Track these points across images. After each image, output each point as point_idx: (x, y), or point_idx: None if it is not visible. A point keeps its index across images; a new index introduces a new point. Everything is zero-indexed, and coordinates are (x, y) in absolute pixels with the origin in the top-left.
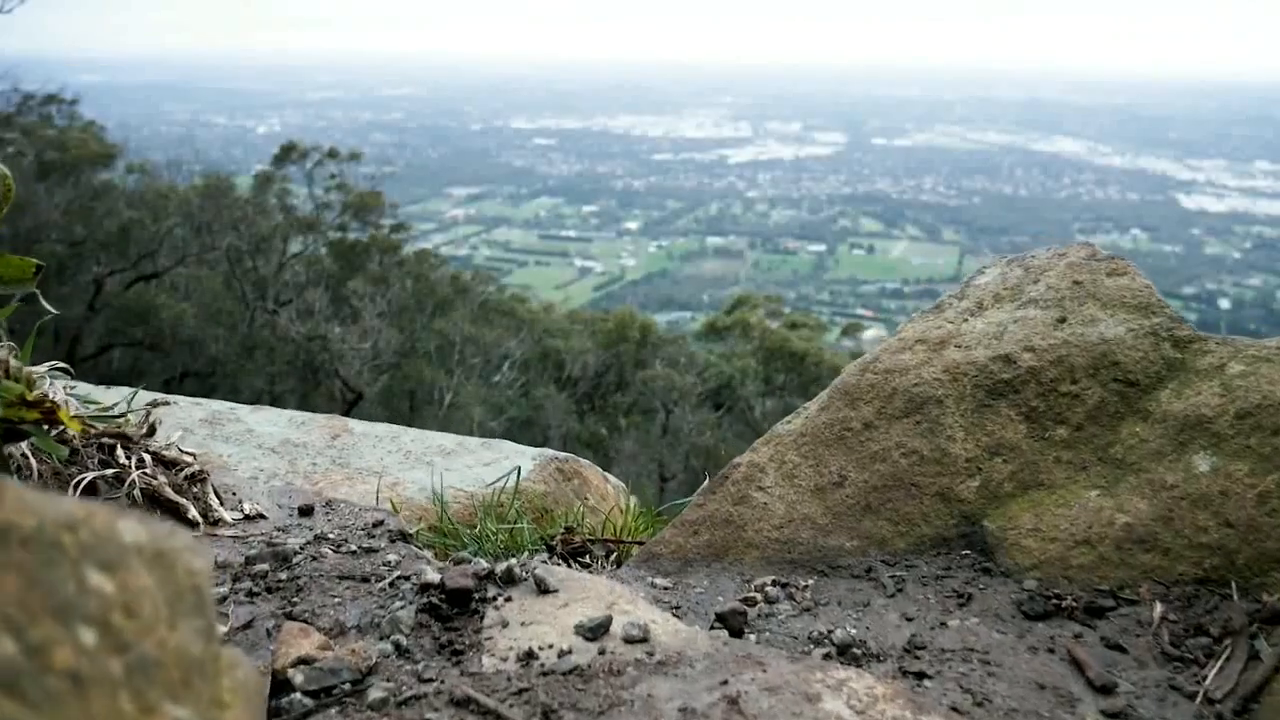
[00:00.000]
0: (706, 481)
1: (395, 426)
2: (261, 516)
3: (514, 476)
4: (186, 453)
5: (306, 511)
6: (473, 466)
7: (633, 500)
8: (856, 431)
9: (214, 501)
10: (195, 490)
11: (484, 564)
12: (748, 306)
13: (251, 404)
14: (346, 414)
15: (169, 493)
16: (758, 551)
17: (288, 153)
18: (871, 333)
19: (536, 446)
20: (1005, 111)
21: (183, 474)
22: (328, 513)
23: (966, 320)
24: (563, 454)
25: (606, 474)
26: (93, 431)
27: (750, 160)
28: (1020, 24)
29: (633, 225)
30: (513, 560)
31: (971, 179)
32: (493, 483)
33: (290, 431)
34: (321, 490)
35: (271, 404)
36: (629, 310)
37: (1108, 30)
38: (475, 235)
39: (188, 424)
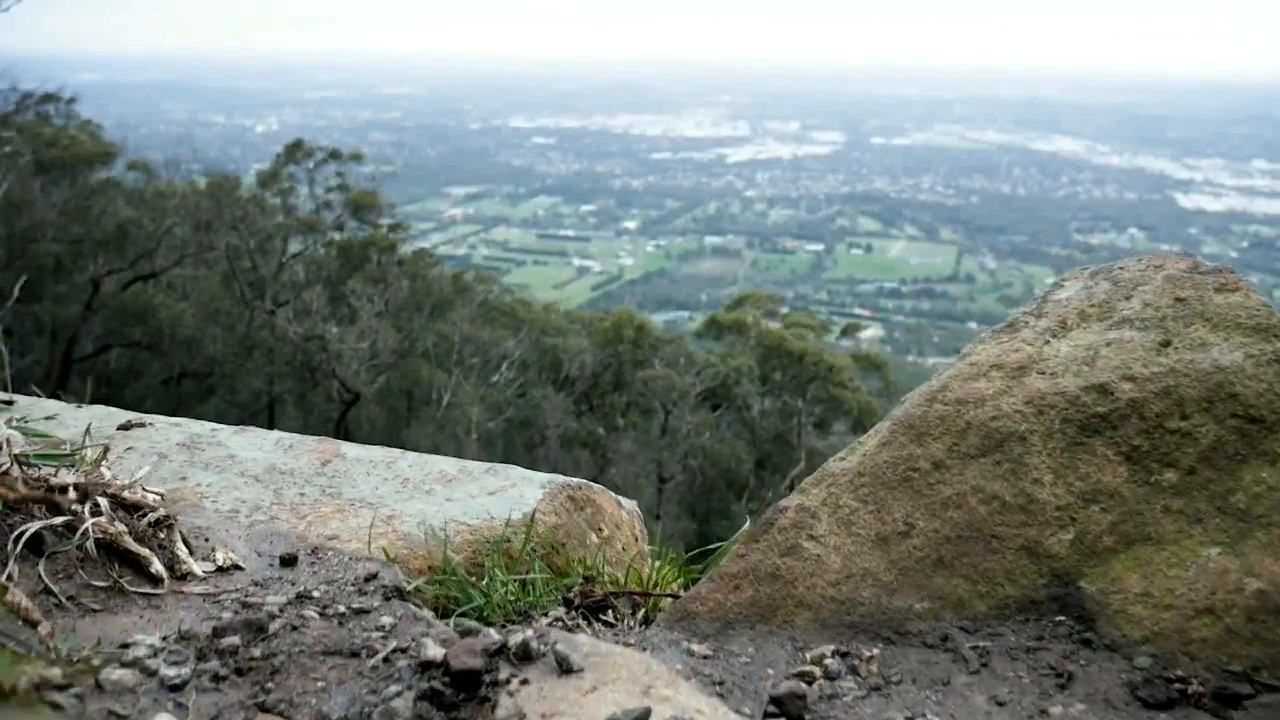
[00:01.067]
0: (747, 525)
1: (391, 450)
2: (237, 568)
3: (523, 508)
4: (152, 492)
5: (289, 561)
6: (476, 496)
7: (643, 533)
8: (925, 472)
9: (182, 551)
10: (161, 537)
11: (495, 636)
12: (749, 304)
13: (249, 406)
14: (344, 415)
15: (129, 543)
16: (810, 612)
17: (293, 151)
18: (870, 332)
19: (536, 445)
20: (1004, 111)
21: (146, 519)
22: (314, 562)
23: (1048, 342)
24: (574, 480)
25: (620, 498)
26: (32, 478)
27: (748, 159)
28: (1019, 24)
29: (631, 224)
30: (528, 632)
31: (970, 178)
32: (500, 518)
33: (276, 456)
34: (309, 528)
35: (270, 405)
36: (626, 310)
37: (1107, 30)
38: (474, 234)
39: (164, 449)
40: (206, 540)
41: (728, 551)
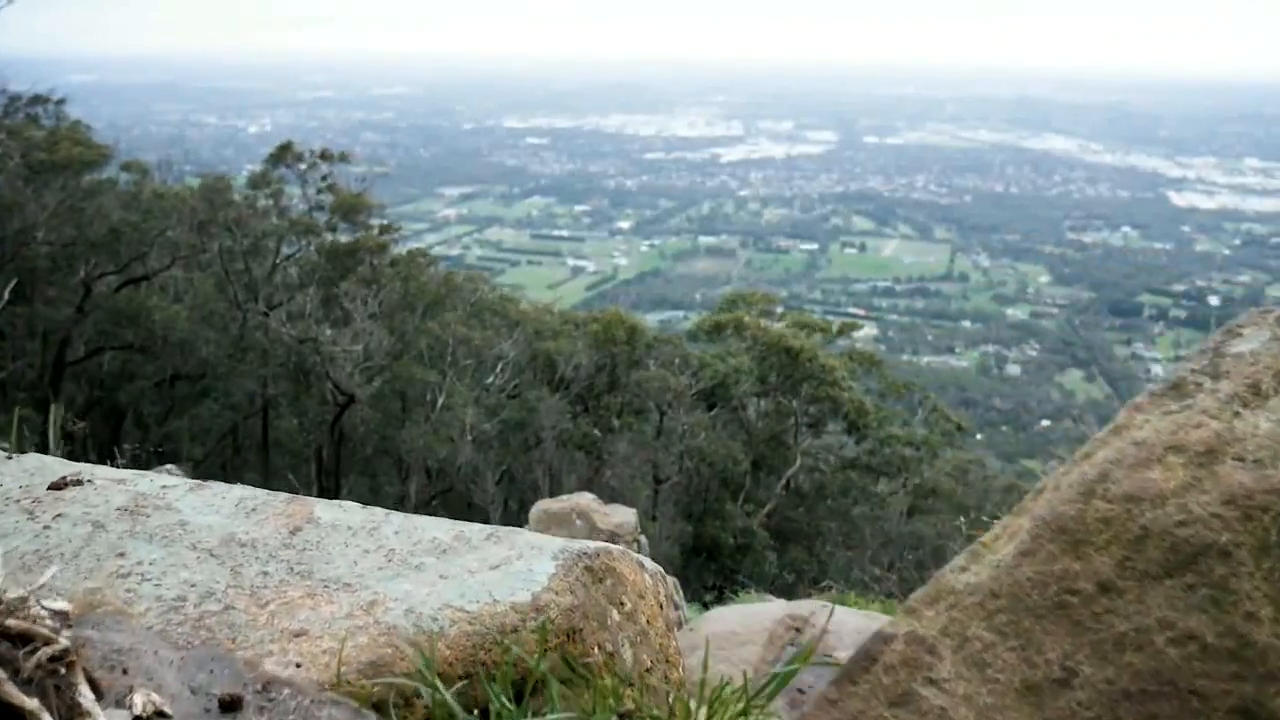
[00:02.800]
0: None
1: (374, 512)
2: (161, 716)
3: (533, 587)
4: (52, 609)
5: (231, 705)
6: (476, 571)
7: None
8: (1088, 597)
9: (85, 697)
10: (59, 678)
11: None
12: (741, 304)
13: (243, 409)
14: (338, 417)
15: (9, 692)
16: None
17: (283, 153)
18: (864, 331)
19: (532, 446)
20: (997, 109)
21: (38, 656)
22: (262, 708)
23: (1239, 414)
24: (591, 546)
25: (641, 559)
26: None
27: (742, 159)
28: (1011, 23)
29: (625, 224)
30: None
31: (963, 177)
32: (504, 601)
33: (237, 523)
34: (270, 622)
35: (264, 407)
36: (615, 312)
37: (1100, 29)
38: (467, 235)
39: (101, 514)
40: (125, 672)
41: (791, 679)
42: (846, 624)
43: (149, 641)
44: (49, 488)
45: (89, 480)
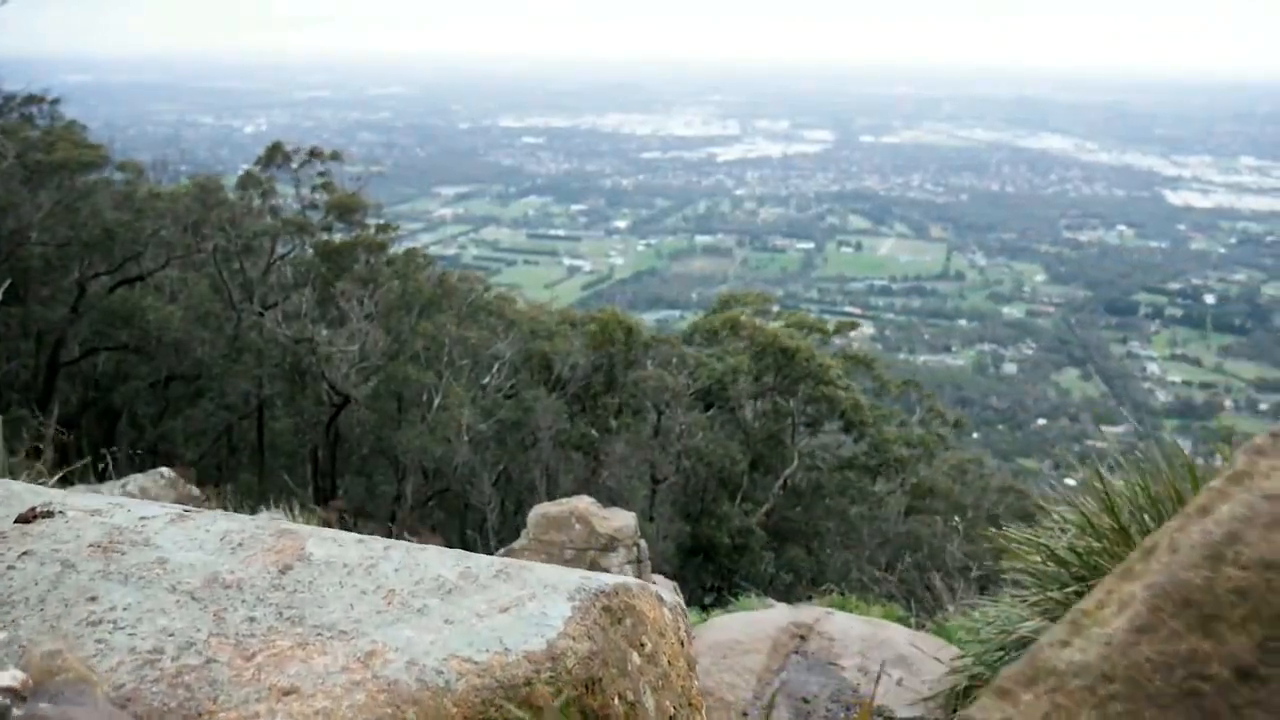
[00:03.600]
0: None
1: (371, 546)
2: None
3: (547, 632)
4: (4, 689)
5: None
6: (485, 615)
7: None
8: (1222, 684)
9: None
10: None
11: None
12: (735, 304)
13: (239, 409)
14: (334, 418)
15: None
16: None
17: (274, 153)
18: (860, 330)
19: (529, 447)
20: (993, 109)
21: None
22: None
23: None
24: (609, 582)
25: (660, 592)
26: None
27: (739, 158)
28: (1008, 23)
29: (621, 224)
30: None
31: (959, 176)
32: (516, 649)
33: (221, 560)
34: (258, 678)
35: (260, 408)
36: (612, 312)
37: (1097, 29)
38: (463, 234)
39: (71, 552)
40: None
41: None
42: (851, 631)
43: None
44: (15, 521)
45: (60, 512)
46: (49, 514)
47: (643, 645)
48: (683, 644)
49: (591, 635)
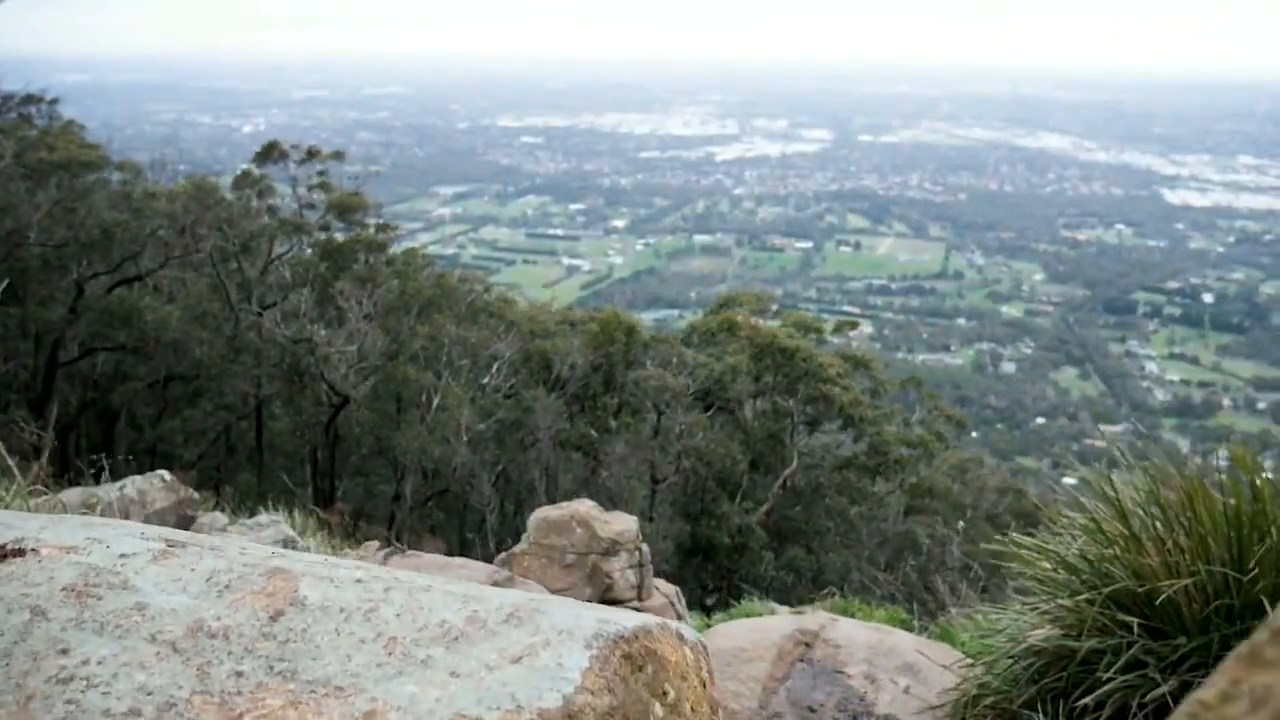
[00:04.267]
0: None
1: (370, 587)
2: None
3: (563, 686)
4: None
5: None
6: (495, 666)
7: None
8: None
9: None
10: None
11: None
12: (734, 305)
13: (237, 409)
14: (333, 418)
15: None
16: None
17: (270, 151)
18: (860, 329)
19: (528, 447)
20: (991, 108)
21: None
22: None
23: None
24: (628, 625)
25: (680, 629)
26: None
27: (737, 158)
28: (1006, 22)
29: (620, 223)
30: None
31: (957, 175)
32: (530, 706)
33: (206, 603)
34: None
35: (258, 408)
36: (613, 312)
37: (1095, 28)
38: (462, 234)
39: (42, 597)
40: None
41: None
42: (857, 638)
43: None
44: None
45: (32, 550)
46: (20, 552)
47: (665, 694)
48: (705, 685)
49: (611, 687)
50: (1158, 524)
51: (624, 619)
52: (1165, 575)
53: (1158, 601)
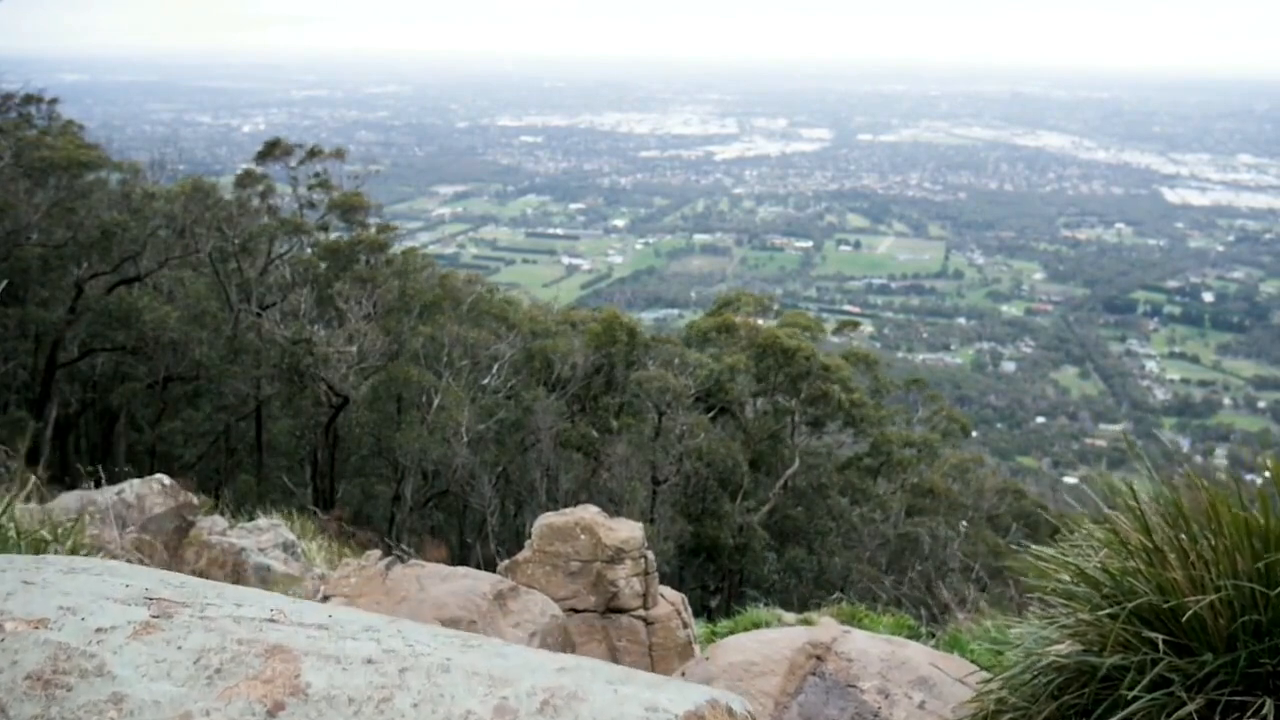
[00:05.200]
0: None
1: (384, 667)
2: None
3: None
4: None
5: None
6: None
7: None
8: None
9: None
10: None
11: None
12: (733, 305)
13: (236, 410)
14: (333, 419)
15: None
16: None
17: (271, 149)
18: (860, 329)
19: (529, 447)
20: (990, 107)
21: None
22: None
23: None
24: (678, 714)
25: (730, 704)
26: None
27: (737, 157)
28: (1005, 20)
29: (620, 223)
30: None
31: (957, 174)
32: None
33: (194, 693)
34: None
35: (257, 409)
36: (614, 312)
37: (1094, 26)
38: (462, 233)
39: (3, 689)
40: None
41: None
42: (870, 651)
43: None
44: None
45: None
46: None
47: None
48: None
49: None
50: (1182, 536)
51: (673, 704)
52: (1190, 590)
53: (1183, 618)
